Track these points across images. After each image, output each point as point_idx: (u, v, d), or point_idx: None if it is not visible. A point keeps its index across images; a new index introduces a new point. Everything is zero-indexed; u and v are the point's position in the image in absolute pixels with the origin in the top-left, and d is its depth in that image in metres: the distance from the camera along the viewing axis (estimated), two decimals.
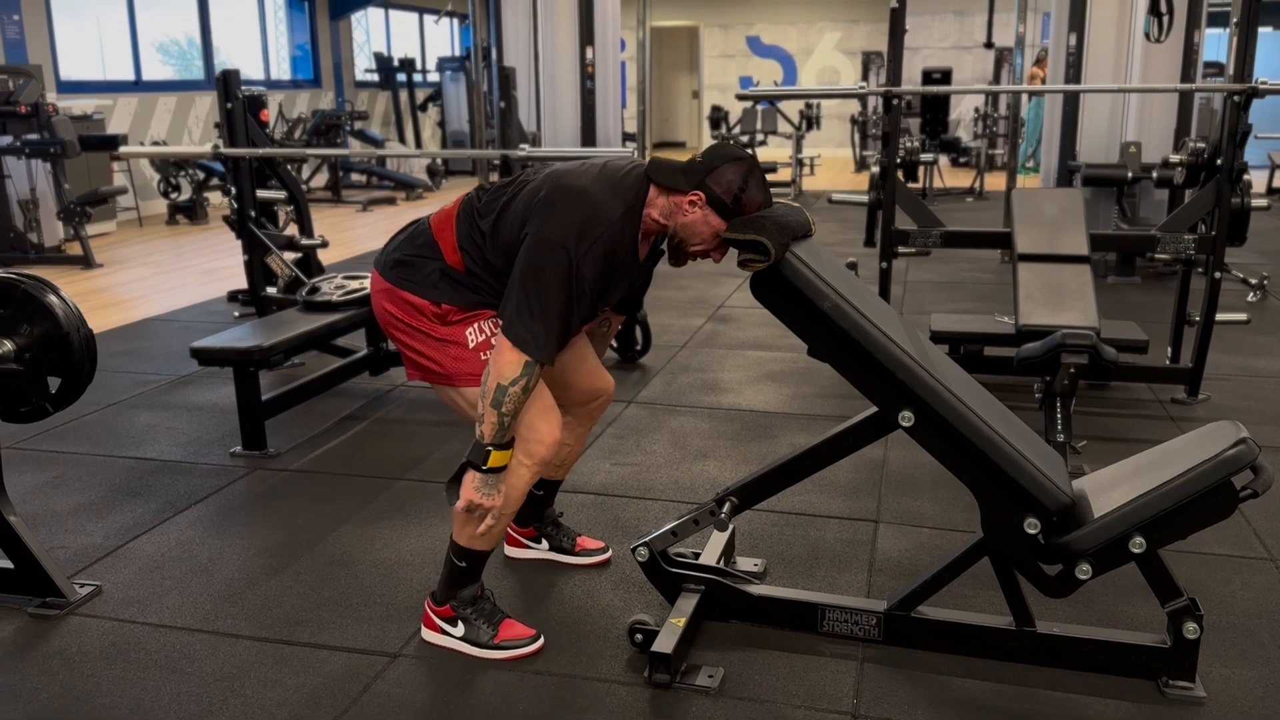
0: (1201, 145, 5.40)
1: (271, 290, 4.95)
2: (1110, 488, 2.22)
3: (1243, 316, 4.56)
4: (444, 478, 3.06)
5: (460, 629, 2.36)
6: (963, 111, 14.56)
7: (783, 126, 12.17)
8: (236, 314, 5.84)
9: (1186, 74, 6.34)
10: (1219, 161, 3.98)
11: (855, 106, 14.19)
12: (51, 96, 8.25)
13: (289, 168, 5.49)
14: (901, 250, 4.42)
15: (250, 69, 12.08)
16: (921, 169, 9.97)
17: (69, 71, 9.57)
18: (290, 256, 5.09)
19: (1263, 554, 2.85)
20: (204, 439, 3.84)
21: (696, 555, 2.55)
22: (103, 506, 3.23)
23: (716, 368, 4.76)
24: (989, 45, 10.25)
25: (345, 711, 2.15)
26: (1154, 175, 5.95)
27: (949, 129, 12.95)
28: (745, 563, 2.76)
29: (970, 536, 2.32)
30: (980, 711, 2.14)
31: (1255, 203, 4.21)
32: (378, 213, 10.45)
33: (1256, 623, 2.49)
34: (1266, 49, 7.25)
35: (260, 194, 5.04)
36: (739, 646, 2.37)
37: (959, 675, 2.26)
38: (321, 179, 11.79)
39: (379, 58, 13.92)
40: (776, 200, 2.26)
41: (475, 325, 2.24)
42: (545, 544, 2.81)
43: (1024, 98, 10.49)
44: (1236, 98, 3.82)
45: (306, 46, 13.11)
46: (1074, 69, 6.61)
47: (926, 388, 2.14)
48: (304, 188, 5.76)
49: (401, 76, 13.79)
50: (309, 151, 6.52)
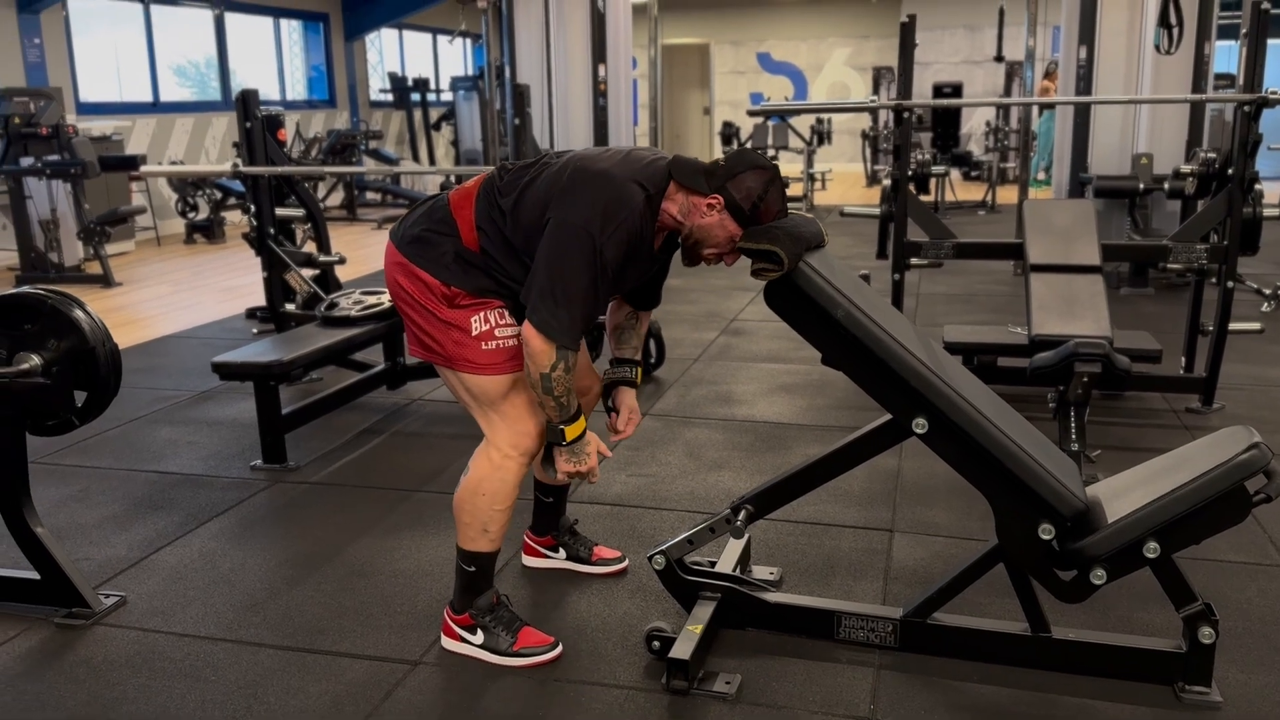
0: (1213, 156, 5.40)
1: (290, 306, 5.01)
2: (1124, 493, 2.23)
3: (1257, 326, 4.55)
4: None
5: (479, 636, 2.38)
6: (974, 125, 14.58)
7: (794, 142, 12.21)
8: (255, 330, 5.90)
9: (1197, 86, 6.34)
10: (1230, 171, 4.00)
11: (866, 121, 14.24)
12: (71, 118, 8.35)
13: (306, 186, 5.56)
14: (914, 262, 4.43)
15: (266, 90, 12.20)
16: (933, 182, 9.99)
17: (88, 93, 9.70)
18: (308, 273, 5.15)
19: (1278, 560, 2.85)
20: (225, 453, 3.89)
21: (712, 564, 2.57)
22: (126, 519, 3.28)
23: (730, 380, 4.79)
24: (999, 59, 10.27)
25: (368, 717, 2.18)
26: (1166, 186, 5.94)
27: (960, 143, 12.97)
28: (761, 571, 2.77)
29: (985, 544, 2.34)
30: (996, 717, 2.15)
31: (1267, 212, 4.23)
32: None
33: (1273, 628, 2.49)
34: (1276, 60, 7.25)
35: (279, 211, 5.10)
36: (756, 654, 2.39)
37: (975, 681, 2.27)
38: (337, 197, 11.89)
39: (393, 78, 14.03)
40: (790, 212, 2.29)
41: (481, 314, 2.25)
42: (563, 553, 2.84)
43: (1035, 111, 10.50)
44: (1247, 108, 3.85)
45: (321, 67, 13.24)
46: (1084, 82, 6.63)
47: (940, 394, 2.16)
48: (321, 206, 5.83)
49: (415, 96, 13.90)
50: (326, 169, 6.62)
